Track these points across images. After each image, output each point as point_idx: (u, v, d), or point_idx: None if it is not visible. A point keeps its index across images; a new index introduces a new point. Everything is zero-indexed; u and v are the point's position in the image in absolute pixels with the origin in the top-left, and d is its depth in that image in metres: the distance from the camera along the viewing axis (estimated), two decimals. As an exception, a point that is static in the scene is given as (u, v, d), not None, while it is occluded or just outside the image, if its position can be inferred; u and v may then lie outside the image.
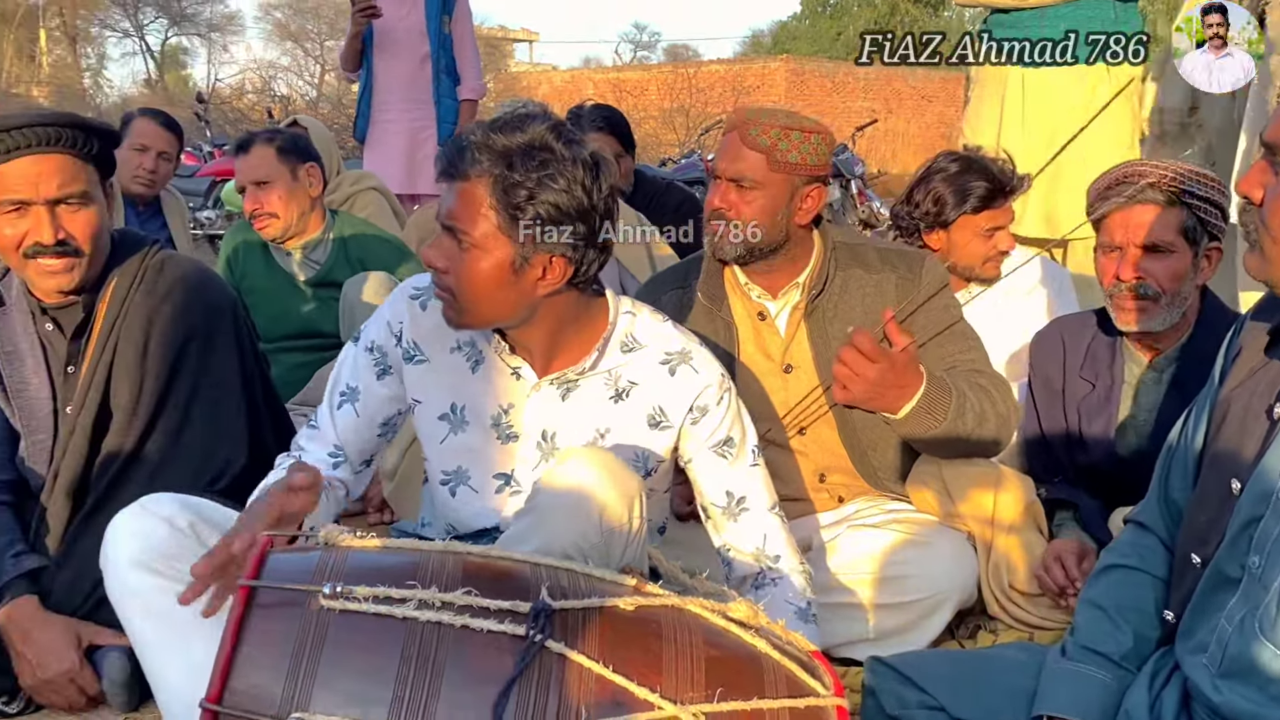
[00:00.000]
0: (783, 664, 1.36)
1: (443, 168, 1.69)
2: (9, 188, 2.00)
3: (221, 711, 1.20)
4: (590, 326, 1.82)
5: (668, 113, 21.14)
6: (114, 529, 1.74)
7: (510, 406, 1.85)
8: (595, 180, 1.66)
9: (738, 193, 2.24)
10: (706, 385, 1.85)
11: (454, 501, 1.89)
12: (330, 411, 1.91)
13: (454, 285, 1.70)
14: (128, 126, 4.22)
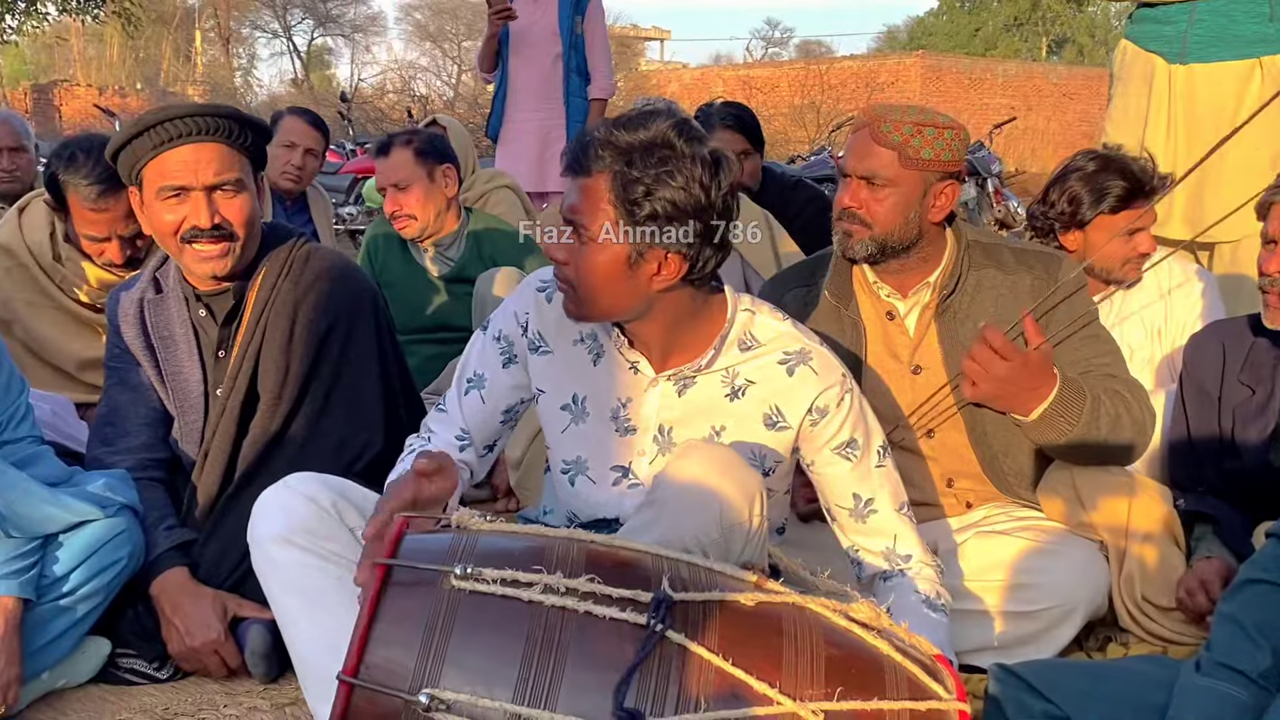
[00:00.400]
0: (904, 666, 1.35)
1: (567, 163, 1.73)
2: (169, 174, 2.11)
3: (357, 684, 1.26)
4: (708, 323, 1.83)
5: (798, 109, 20.97)
6: (260, 505, 1.82)
7: (629, 400, 1.87)
8: (714, 178, 1.67)
9: (869, 190, 2.22)
10: (826, 387, 1.84)
11: (573, 490, 1.93)
12: (458, 397, 1.98)
13: (573, 277, 1.73)
14: (277, 124, 4.40)
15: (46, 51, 35.07)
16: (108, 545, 2.02)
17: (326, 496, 1.81)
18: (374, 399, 2.30)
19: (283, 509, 1.79)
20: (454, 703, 1.24)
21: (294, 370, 2.23)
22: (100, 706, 1.99)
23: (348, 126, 14.12)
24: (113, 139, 2.19)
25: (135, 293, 2.30)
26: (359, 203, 10.08)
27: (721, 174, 1.68)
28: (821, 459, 1.88)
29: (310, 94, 27.90)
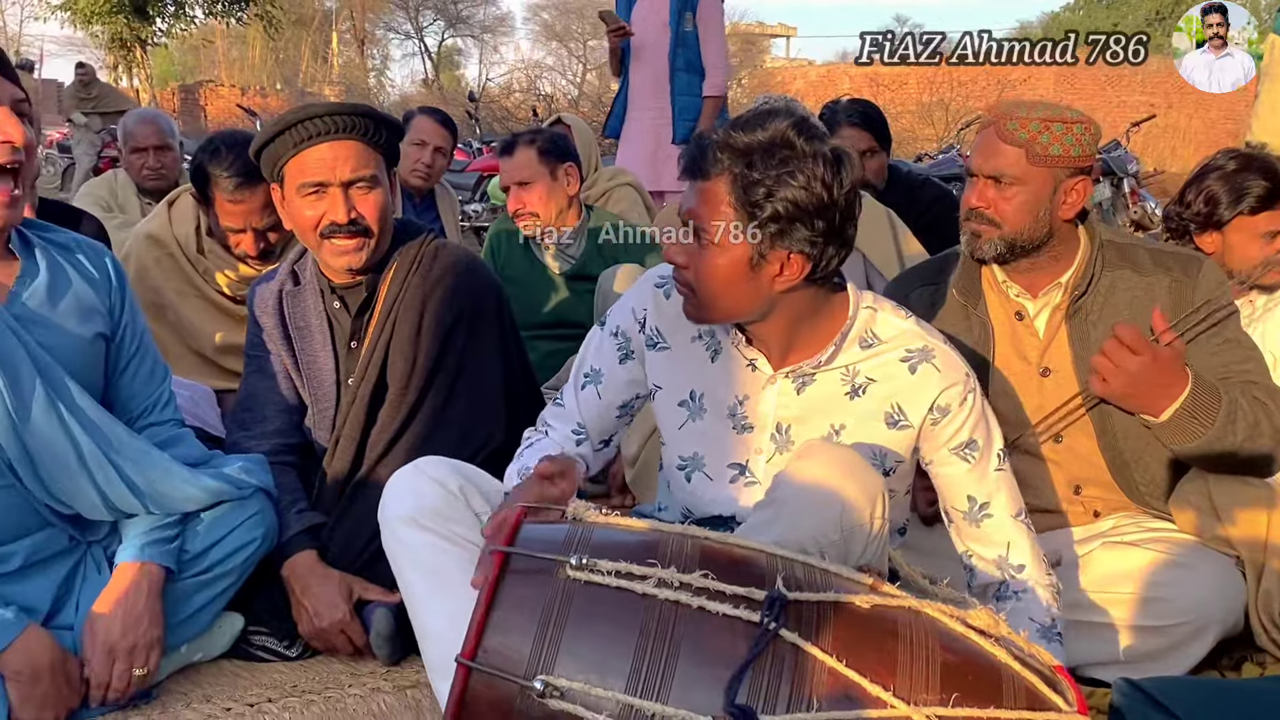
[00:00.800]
0: (1023, 675, 1.33)
1: (685, 166, 1.73)
2: (309, 172, 2.19)
3: (475, 667, 1.29)
4: (828, 321, 1.81)
5: (926, 107, 20.58)
6: (391, 487, 1.87)
7: (746, 397, 1.87)
8: (836, 176, 1.65)
9: (996, 190, 2.17)
10: (949, 385, 1.81)
11: (689, 486, 1.93)
12: (575, 391, 2.00)
13: (693, 281, 1.73)
14: (409, 123, 4.52)
15: (193, 53, 36.67)
16: (243, 525, 2.10)
17: (454, 480, 1.85)
18: (496, 392, 2.35)
19: (412, 490, 1.83)
20: (568, 690, 1.26)
21: (421, 362, 2.29)
22: (234, 681, 2.07)
23: (475, 125, 14.39)
24: (256, 138, 2.28)
25: (274, 285, 2.40)
26: (484, 200, 10.28)
27: (843, 171, 1.66)
28: (940, 459, 1.85)
29: (440, 94, 28.54)
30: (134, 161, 4.46)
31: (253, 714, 1.94)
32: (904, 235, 3.51)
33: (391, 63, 42.51)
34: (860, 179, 1.71)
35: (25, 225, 1.99)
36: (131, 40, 24.18)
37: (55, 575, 1.94)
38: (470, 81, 35.37)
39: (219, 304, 3.05)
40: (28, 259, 1.95)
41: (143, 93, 23.44)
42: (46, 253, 1.97)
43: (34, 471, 1.84)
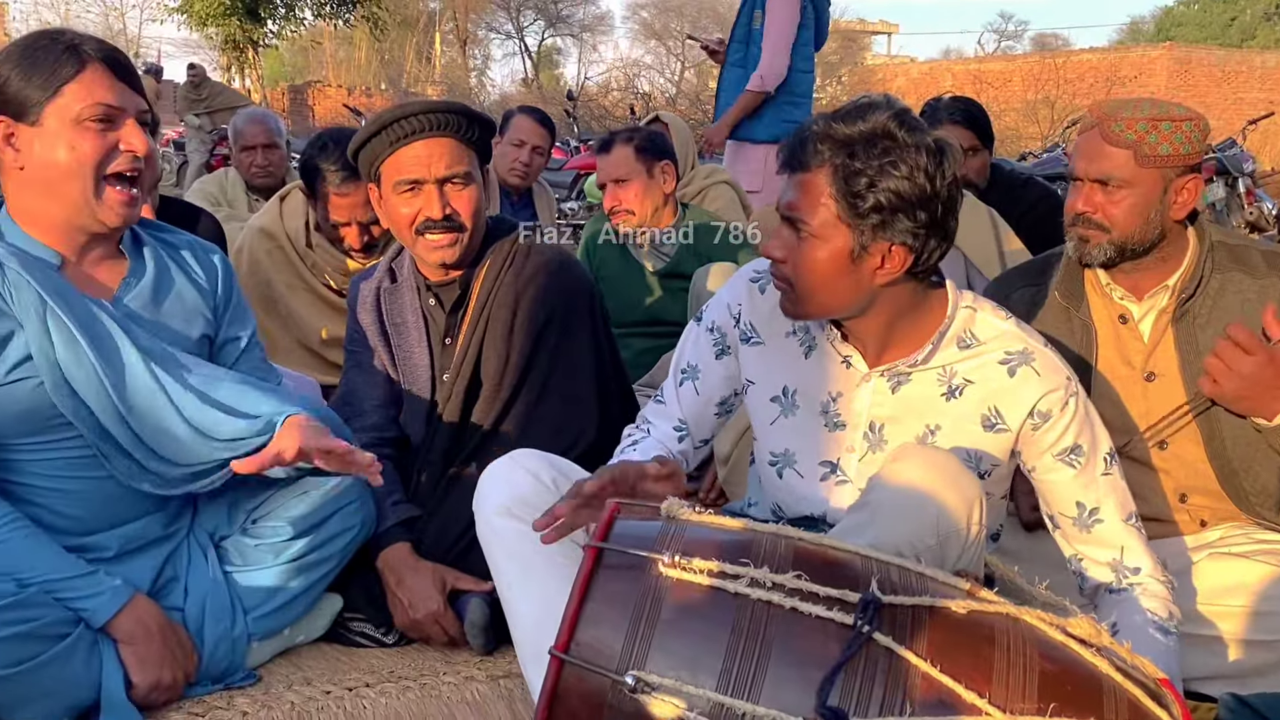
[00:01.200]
0: (1125, 687, 1.29)
1: (784, 159, 1.71)
2: (405, 169, 2.24)
3: (567, 660, 1.30)
4: (926, 319, 1.78)
5: (1031, 105, 20.15)
6: (487, 477, 1.90)
7: (839, 395, 1.85)
8: (939, 167, 1.63)
9: (1104, 194, 2.12)
10: (1049, 390, 1.76)
11: (780, 483, 1.92)
12: (674, 387, 2.01)
13: (791, 275, 1.72)
14: (508, 123, 4.59)
15: (302, 54, 37.65)
16: (341, 512, 2.14)
17: (548, 473, 1.87)
18: (588, 390, 2.36)
19: (507, 481, 1.86)
20: (659, 686, 1.26)
21: (514, 359, 2.31)
22: (334, 665, 2.12)
23: (573, 124, 14.50)
24: (354, 138, 2.34)
25: (373, 282, 2.45)
26: (580, 198, 10.35)
27: (946, 162, 1.64)
28: (1043, 465, 1.81)
29: (539, 93, 28.84)
30: (243, 159, 4.61)
31: (351, 698, 1.98)
32: (1005, 234, 3.45)
33: (492, 62, 43.12)
34: (961, 172, 1.69)
35: (139, 224, 2.06)
36: (244, 42, 24.93)
37: (154, 560, 2.00)
38: (569, 80, 35.68)
39: (325, 298, 3.14)
40: (136, 259, 2.01)
41: (254, 93, 24.14)
42: (155, 253, 2.03)
43: (134, 434, 1.88)
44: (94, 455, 1.90)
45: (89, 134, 1.82)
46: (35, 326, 1.82)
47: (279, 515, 2.10)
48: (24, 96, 1.81)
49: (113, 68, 1.85)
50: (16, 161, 1.84)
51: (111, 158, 1.84)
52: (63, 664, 1.76)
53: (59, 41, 1.84)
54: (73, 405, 1.84)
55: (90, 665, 1.81)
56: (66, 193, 1.84)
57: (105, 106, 1.82)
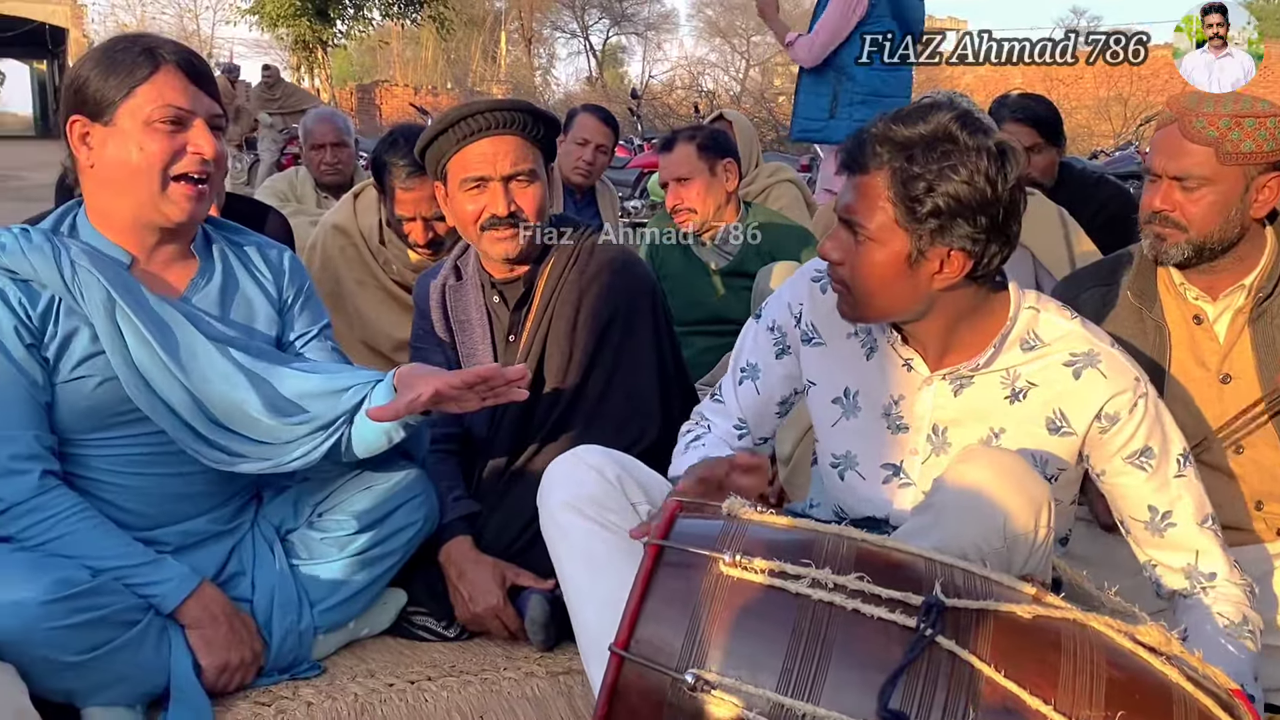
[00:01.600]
0: (1196, 696, 1.26)
1: (842, 161, 1.69)
2: (471, 167, 2.27)
3: (627, 657, 1.30)
4: (988, 321, 1.75)
5: (1103, 102, 19.79)
6: (551, 473, 1.90)
7: (901, 398, 1.83)
8: (1000, 171, 1.60)
9: (1182, 193, 2.07)
10: (1116, 392, 1.72)
11: (842, 485, 1.91)
12: (734, 386, 2.00)
13: (848, 278, 1.70)
14: (572, 121, 4.60)
15: (370, 54, 38.15)
16: (405, 507, 2.17)
17: (612, 469, 1.87)
18: (651, 387, 2.37)
19: (571, 477, 1.86)
20: (719, 685, 1.26)
21: (577, 356, 2.32)
22: (397, 658, 2.15)
23: (636, 122, 14.51)
24: (420, 137, 2.37)
25: (439, 280, 2.48)
26: (643, 196, 10.35)
27: (1008, 166, 1.61)
28: (1112, 469, 1.77)
29: (603, 91, 28.93)
30: (313, 157, 4.68)
31: (413, 691, 2.01)
32: (1075, 234, 3.38)
33: (557, 61, 43.29)
34: (1025, 175, 1.65)
35: (210, 224, 2.11)
36: (313, 42, 25.32)
37: (216, 554, 2.04)
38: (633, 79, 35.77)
39: (395, 294, 3.19)
40: (205, 259, 2.05)
41: (322, 92, 24.51)
42: (224, 254, 2.08)
43: (214, 422, 1.93)
44: (157, 452, 1.95)
45: (158, 135, 1.86)
46: (105, 325, 1.86)
47: (344, 509, 2.13)
48: (100, 97, 1.85)
49: (186, 71, 1.89)
50: (89, 160, 1.89)
51: (179, 159, 1.88)
52: (134, 650, 1.81)
53: (137, 44, 1.89)
54: (149, 401, 1.89)
55: (160, 651, 1.85)
56: (134, 191, 1.88)
57: (175, 109, 1.86)
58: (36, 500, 1.82)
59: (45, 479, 1.84)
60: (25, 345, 1.84)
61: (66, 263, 1.86)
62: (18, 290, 1.85)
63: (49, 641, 1.69)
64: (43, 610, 1.68)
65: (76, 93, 1.88)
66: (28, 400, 1.84)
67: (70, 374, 1.87)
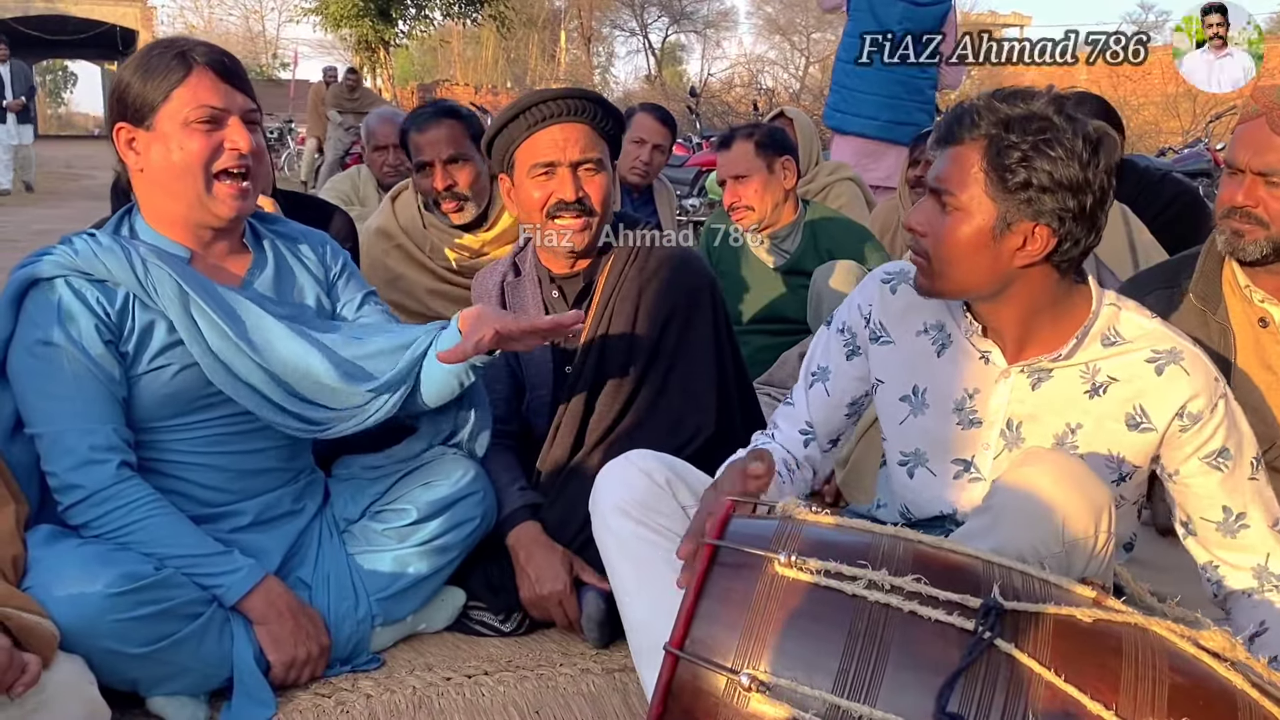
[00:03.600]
0: (1261, 703, 1.24)
1: (939, 134, 1.71)
2: (540, 153, 2.30)
3: (682, 656, 1.31)
4: (1069, 314, 1.74)
5: (1171, 98, 19.38)
6: (603, 477, 1.92)
7: (976, 391, 1.81)
8: (1094, 156, 1.61)
9: (1266, 188, 2.02)
10: (1199, 390, 1.70)
11: (912, 483, 1.89)
12: (804, 390, 2.00)
13: (930, 248, 1.70)
14: (629, 120, 4.60)
15: (431, 54, 38.53)
16: (464, 502, 2.20)
17: (662, 473, 1.88)
18: (708, 384, 2.37)
19: (622, 482, 1.88)
20: (774, 685, 1.26)
21: (636, 351, 2.34)
22: (454, 652, 2.17)
23: (695, 121, 14.51)
24: (491, 125, 2.40)
25: (497, 275, 2.51)
26: (701, 195, 10.35)
27: (1102, 153, 1.61)
28: (1188, 468, 1.74)
29: (662, 89, 28.93)
30: (375, 158, 4.73)
31: (470, 685, 2.03)
32: (1139, 232, 3.33)
33: (616, 59, 43.44)
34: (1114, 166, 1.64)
35: (256, 219, 2.18)
36: (376, 42, 25.61)
37: (287, 533, 2.10)
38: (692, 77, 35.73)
39: (450, 280, 3.23)
40: (258, 251, 2.13)
41: (384, 92, 24.80)
42: (274, 245, 2.16)
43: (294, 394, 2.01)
44: (232, 432, 2.03)
45: (196, 135, 1.93)
46: (181, 316, 1.94)
47: (404, 502, 2.17)
48: (140, 103, 1.94)
49: (218, 71, 1.96)
50: (138, 164, 1.97)
51: (218, 155, 1.95)
52: (197, 642, 1.85)
53: (170, 49, 1.97)
54: (231, 383, 1.96)
55: (222, 644, 1.90)
56: (182, 191, 1.96)
57: (210, 108, 1.93)
58: (113, 489, 1.88)
59: (122, 469, 1.90)
60: (104, 342, 1.91)
61: (138, 261, 1.93)
62: (95, 290, 1.92)
63: (114, 633, 1.74)
64: (108, 603, 1.73)
65: (119, 100, 1.96)
66: (107, 396, 1.91)
67: (149, 365, 1.95)
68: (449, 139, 3.09)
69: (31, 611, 1.65)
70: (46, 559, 1.79)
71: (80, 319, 1.90)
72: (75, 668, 1.70)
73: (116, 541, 1.86)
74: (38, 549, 1.81)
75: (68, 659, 1.69)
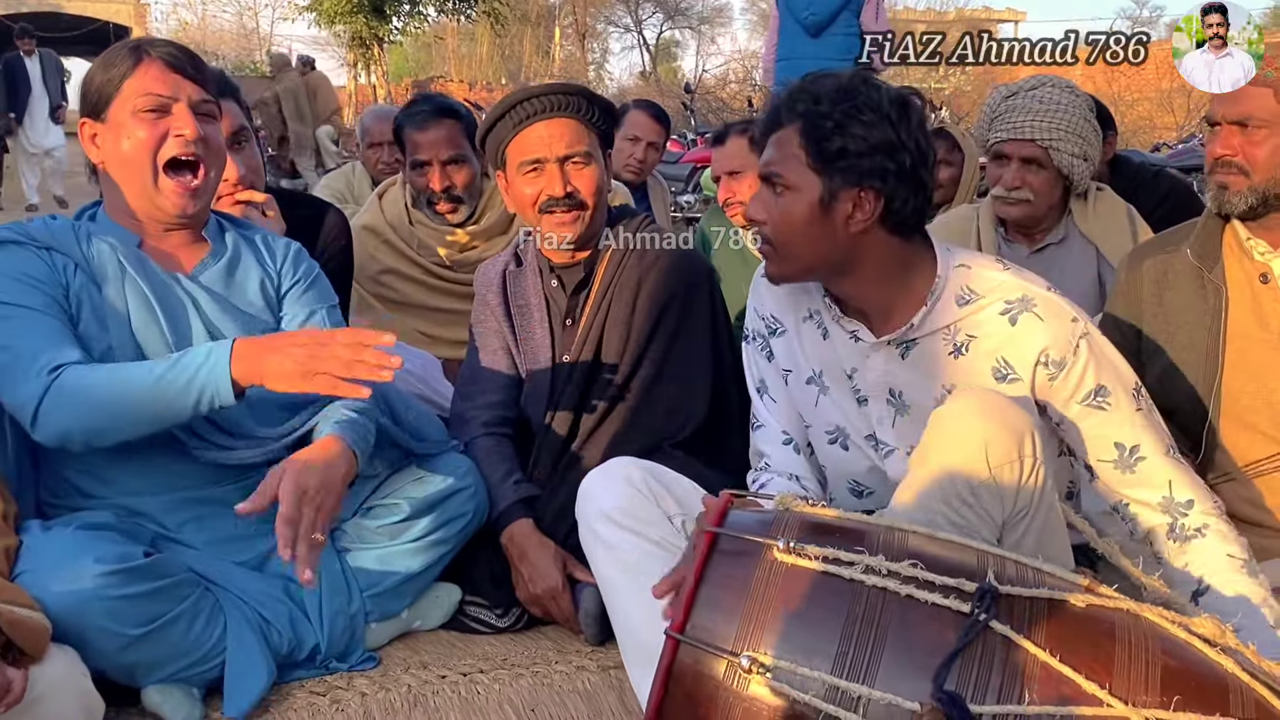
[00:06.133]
0: (1252, 686, 1.26)
1: (764, 123, 1.80)
2: (528, 150, 2.32)
3: (684, 640, 1.33)
4: (918, 280, 1.80)
5: (1165, 94, 19.43)
6: (586, 486, 1.97)
7: (855, 370, 1.89)
8: (903, 115, 1.70)
9: (1243, 136, 2.04)
10: (1055, 335, 1.73)
11: (846, 455, 1.95)
12: (761, 406, 2.07)
13: (771, 234, 1.78)
14: (623, 118, 4.60)
15: (425, 50, 38.43)
16: (455, 498, 2.22)
17: (645, 480, 1.93)
18: (704, 373, 2.39)
19: (606, 489, 1.93)
20: (774, 668, 1.28)
21: (634, 340, 2.36)
22: (449, 650, 2.17)
23: (690, 117, 14.50)
24: (481, 125, 2.44)
25: (499, 265, 2.53)
26: (697, 191, 10.35)
27: (911, 113, 1.71)
28: (1071, 414, 1.77)
29: (657, 86, 28.93)
30: (369, 156, 4.73)
31: (465, 683, 2.03)
32: (1143, 233, 3.34)
33: (610, 56, 43.48)
34: (925, 125, 1.74)
35: (231, 221, 2.20)
36: (370, 39, 25.54)
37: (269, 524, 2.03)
38: (687, 73, 35.71)
39: (439, 274, 3.23)
40: (218, 243, 2.14)
41: (378, 89, 24.75)
42: (236, 241, 2.16)
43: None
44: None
45: (143, 123, 1.97)
46: (112, 290, 1.96)
47: (395, 499, 2.18)
48: (97, 97, 1.99)
49: (168, 61, 1.98)
50: (98, 158, 2.02)
51: (164, 143, 1.98)
52: (189, 622, 1.84)
53: (127, 45, 2.01)
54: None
55: (212, 627, 1.88)
56: (132, 182, 2.00)
57: (155, 96, 1.97)
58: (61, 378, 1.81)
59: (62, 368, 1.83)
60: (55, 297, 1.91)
61: (84, 234, 1.99)
62: (45, 255, 1.94)
63: (107, 612, 1.74)
64: (100, 581, 1.73)
65: (84, 97, 2.02)
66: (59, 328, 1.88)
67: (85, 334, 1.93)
68: (448, 140, 3.08)
69: (23, 604, 1.65)
70: (37, 545, 1.79)
71: (32, 267, 1.91)
72: (68, 660, 1.70)
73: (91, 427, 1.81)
74: (29, 537, 1.82)
75: (61, 652, 1.69)
